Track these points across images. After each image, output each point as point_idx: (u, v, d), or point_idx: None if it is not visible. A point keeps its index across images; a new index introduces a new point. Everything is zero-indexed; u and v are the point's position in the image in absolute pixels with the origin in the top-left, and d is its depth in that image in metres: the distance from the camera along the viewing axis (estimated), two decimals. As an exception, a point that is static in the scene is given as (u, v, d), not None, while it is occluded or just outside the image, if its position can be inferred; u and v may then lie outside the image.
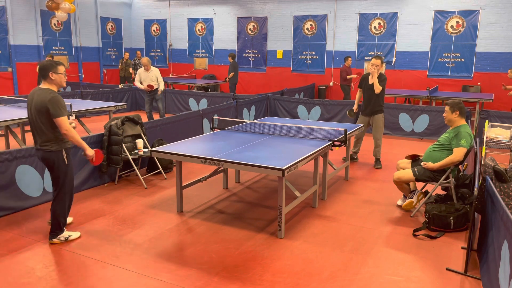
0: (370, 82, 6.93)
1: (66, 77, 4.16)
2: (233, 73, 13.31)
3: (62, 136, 4.00)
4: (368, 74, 7.03)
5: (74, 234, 4.31)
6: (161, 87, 9.37)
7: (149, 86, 9.26)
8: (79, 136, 4.09)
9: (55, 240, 4.19)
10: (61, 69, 4.04)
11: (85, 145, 4.12)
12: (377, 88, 6.77)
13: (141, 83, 9.34)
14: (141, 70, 9.36)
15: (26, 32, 14.03)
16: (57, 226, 4.19)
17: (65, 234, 4.24)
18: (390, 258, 4.00)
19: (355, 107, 7.31)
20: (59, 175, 4.08)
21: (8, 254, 3.97)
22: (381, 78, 6.86)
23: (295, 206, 4.84)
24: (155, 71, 9.37)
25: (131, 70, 14.90)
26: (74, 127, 4.11)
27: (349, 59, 12.48)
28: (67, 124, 3.93)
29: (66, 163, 4.09)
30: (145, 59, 9.27)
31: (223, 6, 16.03)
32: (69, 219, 4.57)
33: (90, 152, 4.19)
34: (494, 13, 12.03)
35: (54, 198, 4.15)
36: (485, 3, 12.10)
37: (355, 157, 7.44)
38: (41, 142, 4.00)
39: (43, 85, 4.02)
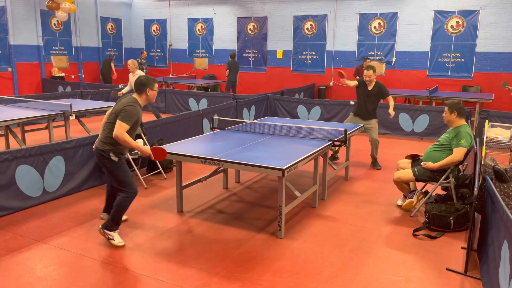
0: (369, 88, 6.94)
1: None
2: (228, 70, 13.39)
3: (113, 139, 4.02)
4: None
5: (118, 241, 4.14)
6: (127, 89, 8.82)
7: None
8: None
9: (106, 231, 4.13)
10: (156, 86, 4.16)
11: (135, 145, 4.03)
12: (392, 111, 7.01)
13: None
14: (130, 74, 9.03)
15: (26, 32, 14.02)
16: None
17: (114, 234, 4.16)
18: (390, 258, 4.00)
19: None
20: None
21: (8, 254, 3.97)
22: (383, 90, 6.91)
23: (295, 206, 4.84)
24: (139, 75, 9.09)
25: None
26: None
27: (368, 60, 12.03)
28: (119, 128, 3.90)
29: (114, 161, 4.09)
30: (129, 61, 8.90)
31: (223, 6, 16.03)
32: (124, 217, 4.62)
33: (144, 151, 4.10)
34: (494, 13, 12.03)
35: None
36: (485, 3, 12.10)
37: (336, 156, 7.27)
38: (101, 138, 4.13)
39: (136, 96, 4.10)
